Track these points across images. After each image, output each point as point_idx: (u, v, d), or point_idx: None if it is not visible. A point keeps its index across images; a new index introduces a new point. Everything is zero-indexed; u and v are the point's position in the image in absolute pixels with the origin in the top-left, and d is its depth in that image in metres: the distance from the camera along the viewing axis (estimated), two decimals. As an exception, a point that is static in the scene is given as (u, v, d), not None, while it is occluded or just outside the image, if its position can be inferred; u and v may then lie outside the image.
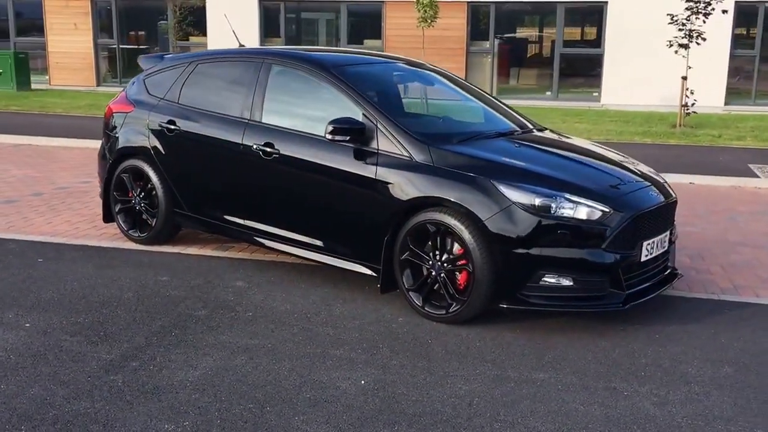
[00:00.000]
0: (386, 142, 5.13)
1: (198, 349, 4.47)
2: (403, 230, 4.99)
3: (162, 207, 6.31)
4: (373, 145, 5.16)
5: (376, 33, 20.05)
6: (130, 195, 6.55)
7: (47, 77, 21.50)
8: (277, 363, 4.30)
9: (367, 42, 20.12)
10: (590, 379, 4.22)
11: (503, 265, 4.69)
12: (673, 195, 5.38)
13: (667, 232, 5.18)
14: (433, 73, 6.52)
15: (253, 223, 5.81)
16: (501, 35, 19.85)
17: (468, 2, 19.07)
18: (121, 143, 6.56)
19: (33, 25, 21.70)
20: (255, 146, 5.64)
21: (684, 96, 14.17)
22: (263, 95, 5.76)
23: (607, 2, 18.26)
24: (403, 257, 5.02)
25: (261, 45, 20.06)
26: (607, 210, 4.73)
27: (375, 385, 4.05)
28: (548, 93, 19.35)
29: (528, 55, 20.64)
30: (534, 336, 4.79)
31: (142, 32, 21.22)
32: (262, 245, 5.86)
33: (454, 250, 4.84)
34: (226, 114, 5.92)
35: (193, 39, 20.87)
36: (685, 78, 14.20)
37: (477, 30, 19.78)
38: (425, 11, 14.84)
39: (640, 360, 4.49)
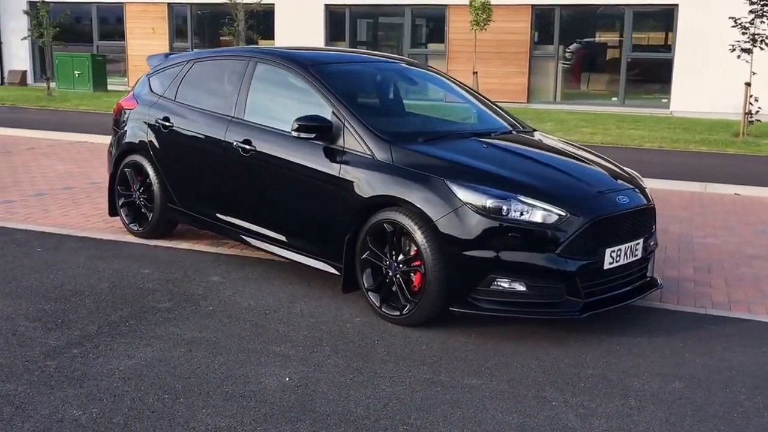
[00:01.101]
0: (352, 140, 5.11)
1: (143, 339, 4.54)
2: (363, 229, 4.96)
3: (157, 202, 6.46)
4: (340, 143, 5.15)
5: (440, 37, 19.98)
6: (131, 189, 6.71)
7: (126, 79, 22.30)
8: (212, 357, 4.33)
9: (431, 46, 20.07)
10: (523, 387, 4.08)
11: (453, 267, 4.59)
12: (649, 201, 5.15)
13: (640, 240, 4.95)
14: (429, 74, 6.45)
15: (235, 219, 5.88)
16: (570, 40, 19.46)
17: (532, 5, 18.77)
18: (124, 139, 6.75)
19: (115, 30, 22.56)
20: (235, 143, 5.71)
21: (747, 103, 13.55)
22: (247, 93, 5.84)
23: (677, 5, 17.65)
24: (363, 257, 4.98)
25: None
26: (563, 214, 4.58)
27: (298, 383, 4.03)
28: (614, 99, 18.84)
29: (594, 60, 20.15)
30: (487, 342, 4.67)
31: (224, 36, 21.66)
32: (244, 242, 5.92)
33: (409, 250, 4.77)
34: (214, 111, 6.02)
35: (262, 42, 21.28)
36: (748, 84, 13.59)
37: (541, 34, 19.45)
38: (477, 15, 14.68)
39: (586, 371, 4.32)
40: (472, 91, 6.50)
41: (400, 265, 4.81)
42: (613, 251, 4.74)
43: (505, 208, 4.55)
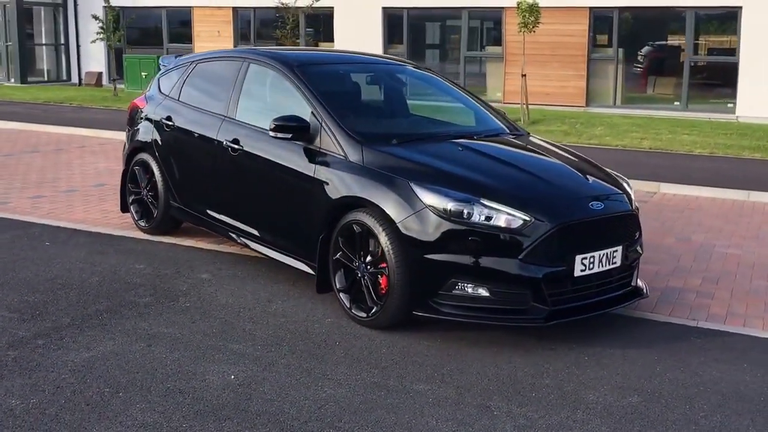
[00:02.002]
0: (327, 140, 5.10)
1: (109, 333, 4.63)
2: (335, 230, 4.94)
3: (161, 199, 6.58)
4: (317, 143, 5.15)
5: (497, 39, 19.75)
6: (141, 187, 6.86)
7: (192, 80, 22.77)
8: (169, 352, 4.38)
9: (489, 49, 19.85)
10: (470, 395, 3.99)
11: (416, 270, 4.53)
12: (629, 208, 4.96)
13: (618, 247, 4.77)
14: (425, 76, 6.38)
15: (225, 217, 5.95)
16: (632, 43, 18.95)
17: (590, 8, 18.34)
18: (134, 138, 6.91)
19: (184, 32, 23.10)
20: (225, 142, 5.77)
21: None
22: (239, 93, 5.89)
23: (741, 7, 16.97)
24: (335, 257, 4.96)
25: (384, 53, 20.30)
26: (528, 219, 4.45)
27: (242, 382, 4.03)
28: (677, 103, 18.23)
29: (663, 63, 19.55)
30: (450, 347, 4.58)
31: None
32: (233, 240, 5.98)
33: (376, 252, 4.72)
34: (210, 111, 6.10)
35: (322, 45, 21.48)
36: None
37: (600, 36, 18.99)
38: (525, 17, 14.42)
39: (543, 381, 4.19)
40: (467, 93, 6.39)
41: (368, 267, 4.77)
42: (585, 258, 4.58)
43: (466, 211, 4.45)
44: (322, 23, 21.05)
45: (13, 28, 22.65)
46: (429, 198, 4.50)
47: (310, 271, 5.20)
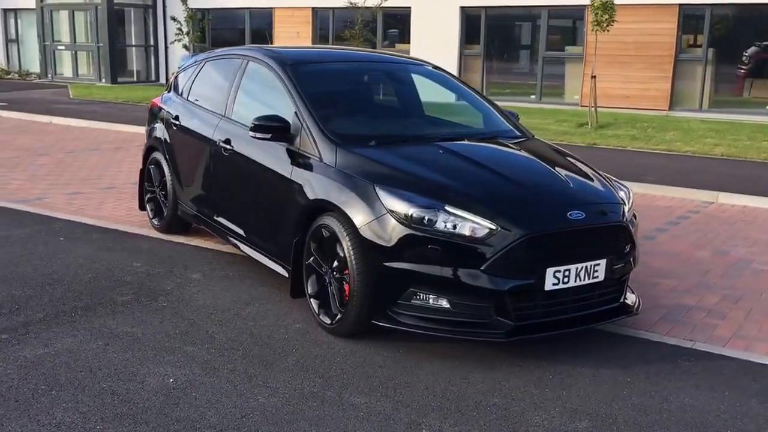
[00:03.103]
0: (306, 141, 4.99)
1: (74, 330, 4.65)
2: (308, 234, 4.82)
3: (170, 198, 6.62)
4: (297, 144, 5.04)
5: (578, 39, 19.16)
6: (154, 185, 6.93)
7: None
8: (122, 352, 4.36)
9: (569, 49, 19.28)
10: (406, 411, 3.79)
11: (375, 278, 4.36)
12: (619, 219, 4.62)
13: (601, 261, 4.46)
14: (432, 74, 6.17)
15: (220, 217, 5.92)
16: (718, 43, 18.01)
17: (680, 5, 17.51)
18: (150, 136, 6.99)
19: (265, 33, 23.43)
20: (219, 142, 5.74)
21: None
22: (236, 92, 5.85)
23: None
24: (308, 262, 4.84)
25: (460, 53, 20.06)
26: (494, 227, 4.21)
27: (178, 385, 3.97)
28: None
29: (758, 65, 18.48)
30: (409, 359, 4.39)
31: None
32: (227, 240, 5.95)
33: (342, 258, 4.58)
34: (210, 110, 6.09)
35: (398, 46, 21.39)
36: None
37: (689, 36, 18.12)
38: (598, 15, 13.84)
39: (492, 399, 3.95)
40: (477, 93, 6.14)
41: (334, 273, 4.63)
42: (558, 272, 4.29)
43: (428, 218, 4.25)
44: (399, 23, 20.95)
45: (104, 30, 23.54)
46: (392, 203, 4.33)
47: (286, 274, 5.09)
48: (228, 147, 5.61)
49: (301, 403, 3.83)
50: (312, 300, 4.82)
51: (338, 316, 4.57)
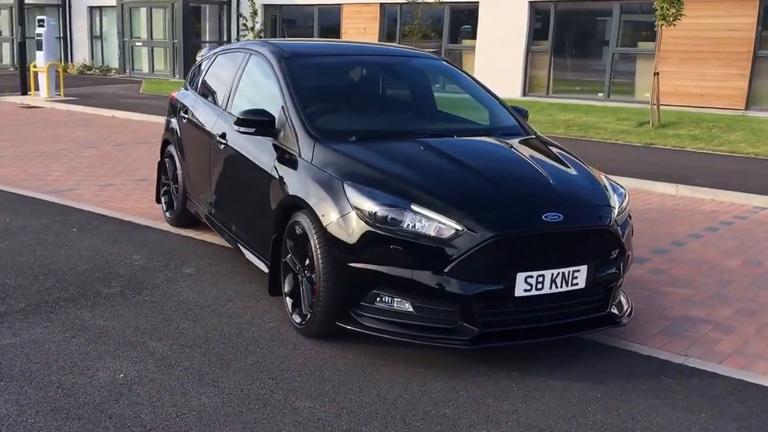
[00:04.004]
0: (288, 136, 4.89)
1: (47, 321, 4.67)
2: (285, 231, 4.72)
3: (180, 191, 6.63)
4: (281, 138, 4.95)
5: (651, 34, 18.45)
6: (168, 178, 6.96)
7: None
8: (85, 345, 4.35)
9: (641, 44, 18.60)
10: (348, 418, 3.64)
11: (339, 278, 4.21)
12: (604, 223, 4.33)
13: (582, 267, 4.19)
14: (447, 69, 5.98)
15: (215, 210, 5.88)
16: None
17: (760, -2, 16.63)
18: (166, 129, 7.02)
19: (334, 30, 23.48)
20: (216, 135, 5.70)
21: None
22: (237, 85, 5.80)
23: None
24: (284, 259, 4.74)
25: (527, 49, 19.63)
26: (460, 228, 4.01)
27: (127, 381, 3.92)
28: None
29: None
30: (373, 364, 4.23)
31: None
32: (222, 236, 5.90)
33: (312, 256, 4.45)
34: (213, 104, 6.07)
35: (465, 42, 21.11)
36: None
37: None
38: (663, 8, 13.23)
39: (442, 410, 3.76)
40: (483, 88, 5.90)
41: (306, 272, 4.50)
42: (530, 277, 4.05)
43: (392, 216, 4.08)
44: (468, 18, 20.65)
45: (179, 26, 24.03)
46: (358, 200, 4.17)
47: (267, 271, 5.00)
48: (223, 141, 5.56)
49: (243, 405, 3.71)
50: (287, 299, 4.71)
51: (308, 317, 4.45)
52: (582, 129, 13.50)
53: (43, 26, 17.74)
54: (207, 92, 6.34)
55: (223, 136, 5.57)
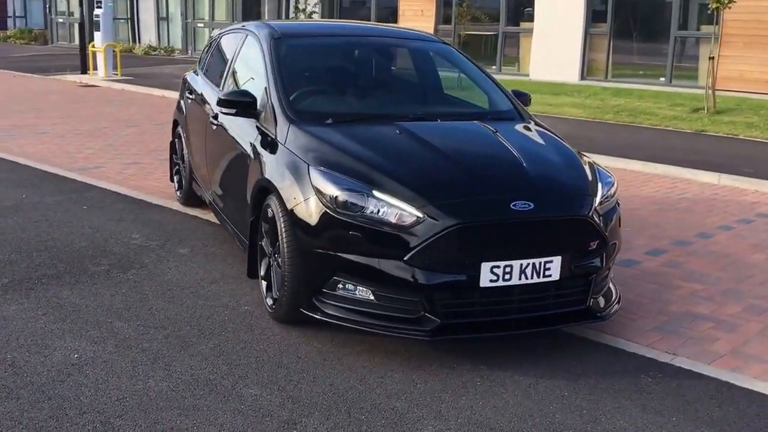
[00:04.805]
0: (268, 117, 4.77)
1: (25, 298, 4.68)
2: (260, 214, 4.62)
3: (186, 171, 6.60)
4: (262, 120, 4.84)
5: (713, 17, 17.64)
6: (179, 158, 6.94)
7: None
8: (51, 323, 4.33)
9: (703, 28, 17.82)
10: (291, 408, 3.52)
11: (301, 263, 4.09)
12: (581, 212, 4.07)
13: (556, 258, 3.95)
14: (439, 50, 5.75)
15: (211, 192, 5.82)
16: None
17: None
18: (176, 108, 6.99)
19: (392, 12, 23.25)
20: (211, 116, 5.63)
21: None
22: (232, 66, 5.72)
23: None
24: (261, 242, 4.64)
25: (585, 32, 19.04)
26: (420, 215, 3.82)
27: (79, 362, 3.87)
28: None
29: None
30: (337, 353, 4.09)
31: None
32: (216, 216, 5.84)
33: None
34: (212, 84, 6.00)
35: (523, 25, 20.63)
36: None
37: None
38: (718, -9, 12.61)
39: (393, 403, 3.60)
40: (481, 71, 5.64)
41: (276, 255, 4.39)
42: (496, 267, 3.84)
43: (354, 202, 3.92)
44: (526, 1, 20.17)
45: (239, 8, 24.17)
46: (321, 184, 4.03)
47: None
48: (216, 122, 5.49)
49: (188, 390, 3.63)
50: (263, 282, 4.61)
51: (277, 301, 4.34)
52: (631, 115, 13.01)
53: (101, 7, 18.05)
54: (209, 73, 6.28)
55: (216, 117, 5.49)
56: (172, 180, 7.23)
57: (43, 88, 16.49)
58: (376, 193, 3.89)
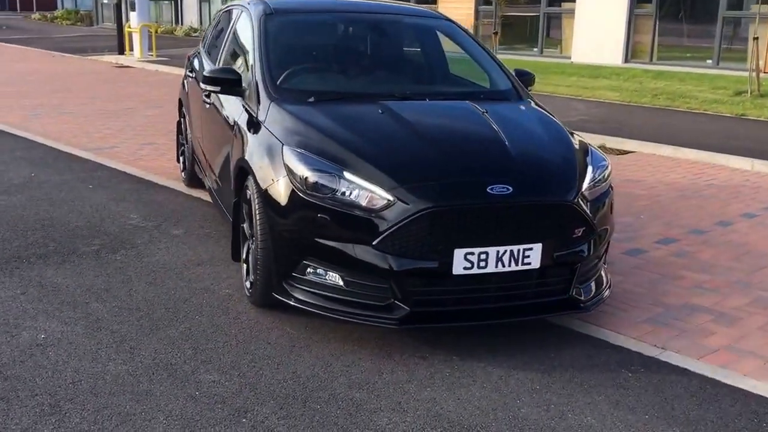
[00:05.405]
0: (251, 95, 4.66)
1: (8, 276, 4.67)
2: (241, 196, 4.52)
3: (189, 152, 6.55)
4: (246, 98, 4.73)
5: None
6: (184, 138, 6.89)
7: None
8: (28, 303, 4.30)
9: (754, 7, 17.13)
10: (245, 395, 3.42)
11: (272, 246, 3.98)
12: (565, 198, 3.87)
13: (536, 245, 3.77)
14: (442, 27, 5.56)
15: (206, 173, 5.75)
16: None
17: None
18: (180, 88, 6.94)
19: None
20: (204, 93, 5.55)
21: None
22: (226, 43, 5.62)
23: None
24: (243, 224, 4.55)
25: (630, 12, 18.53)
26: (391, 199, 3.68)
27: (45, 343, 3.83)
28: None
29: None
30: (308, 339, 3.99)
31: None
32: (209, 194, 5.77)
33: (256, 222, 4.23)
34: (209, 62, 5.91)
35: (564, 5, 20.18)
36: None
37: None
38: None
39: (353, 393, 3.48)
40: (481, 48, 5.43)
41: (254, 238, 4.29)
42: (471, 254, 3.68)
43: (324, 183, 3.79)
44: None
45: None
46: (293, 164, 3.91)
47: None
48: (208, 101, 5.40)
49: (146, 375, 3.56)
50: (243, 265, 4.51)
51: (252, 285, 4.25)
52: (669, 98, 12.60)
53: (138, -13, 18.17)
54: (208, 50, 6.19)
55: (209, 95, 5.40)
56: (178, 161, 7.18)
57: (78, 69, 16.68)
58: (347, 174, 3.75)
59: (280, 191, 3.90)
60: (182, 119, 6.82)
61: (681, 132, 10.00)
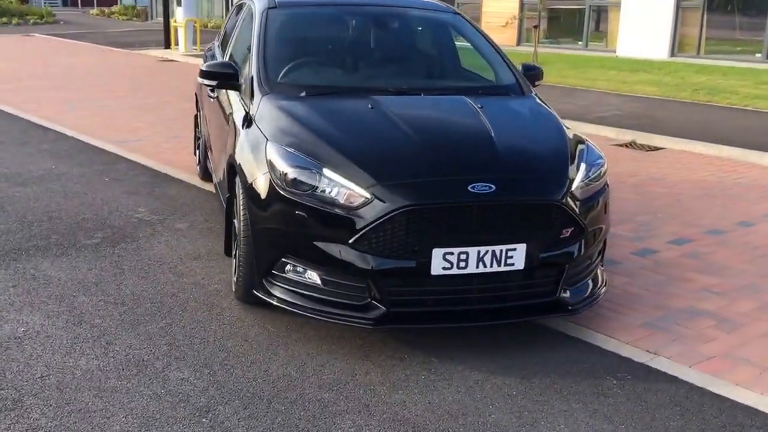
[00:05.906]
0: (246, 90, 4.62)
1: (4, 268, 4.72)
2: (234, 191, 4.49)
3: (202, 145, 6.56)
4: (243, 92, 4.70)
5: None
6: (200, 131, 6.91)
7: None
8: (17, 296, 4.33)
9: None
10: (211, 393, 3.38)
11: (253, 242, 3.94)
12: (552, 197, 3.74)
13: (519, 246, 3.65)
14: (458, 23, 5.43)
15: (209, 164, 5.75)
16: None
17: None
18: (196, 84, 6.94)
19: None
20: (210, 88, 5.53)
21: None
22: (234, 37, 5.61)
23: None
24: (234, 220, 4.51)
25: (677, 5, 18.06)
26: (368, 196, 3.59)
27: (22, 336, 3.84)
28: None
29: None
30: (287, 337, 3.93)
31: None
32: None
33: (247, 218, 4.18)
34: (219, 56, 5.91)
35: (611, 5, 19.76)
36: None
37: None
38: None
39: (321, 395, 3.41)
40: (488, 43, 5.29)
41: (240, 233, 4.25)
42: (450, 254, 3.58)
43: (302, 180, 3.73)
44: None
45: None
46: (274, 160, 3.85)
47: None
48: (213, 95, 5.39)
49: (115, 371, 3.54)
50: (234, 260, 4.47)
51: (236, 281, 4.21)
52: (710, 93, 12.22)
53: (184, -17, 18.35)
54: (222, 44, 6.18)
55: (213, 90, 5.38)
56: (195, 154, 7.20)
57: (123, 63, 16.92)
58: (326, 171, 3.68)
59: (262, 187, 3.85)
60: (198, 113, 6.83)
61: (717, 128, 9.68)
